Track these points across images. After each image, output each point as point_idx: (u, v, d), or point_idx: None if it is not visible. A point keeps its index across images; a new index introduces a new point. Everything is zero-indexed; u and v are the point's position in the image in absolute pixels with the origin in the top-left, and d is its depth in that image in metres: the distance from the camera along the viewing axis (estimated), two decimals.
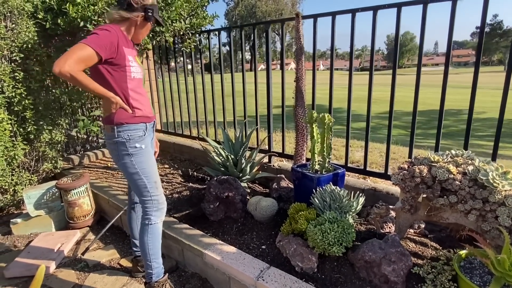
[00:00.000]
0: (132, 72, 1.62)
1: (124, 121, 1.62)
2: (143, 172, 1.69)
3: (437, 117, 2.12)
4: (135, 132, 1.65)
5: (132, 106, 1.65)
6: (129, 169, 1.68)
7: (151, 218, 1.77)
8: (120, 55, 1.56)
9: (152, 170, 1.74)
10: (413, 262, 1.60)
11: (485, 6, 1.90)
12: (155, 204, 1.76)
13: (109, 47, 1.49)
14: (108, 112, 1.62)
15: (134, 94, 1.66)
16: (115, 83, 1.59)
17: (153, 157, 1.79)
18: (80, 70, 1.41)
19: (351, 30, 2.38)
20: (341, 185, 2.20)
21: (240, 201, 2.37)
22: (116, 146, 1.65)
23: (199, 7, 3.24)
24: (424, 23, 2.10)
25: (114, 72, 1.57)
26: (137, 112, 1.66)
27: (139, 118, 1.67)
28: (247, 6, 53.86)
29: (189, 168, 3.52)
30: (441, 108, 2.13)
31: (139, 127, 1.67)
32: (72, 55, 1.38)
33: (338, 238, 1.68)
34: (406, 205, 1.58)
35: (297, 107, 2.58)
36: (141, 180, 1.70)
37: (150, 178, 1.72)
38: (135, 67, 1.65)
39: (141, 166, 1.68)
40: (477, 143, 6.94)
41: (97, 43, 1.44)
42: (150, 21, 1.67)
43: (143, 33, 1.74)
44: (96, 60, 1.47)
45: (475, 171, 1.40)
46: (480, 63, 2.04)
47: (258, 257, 1.89)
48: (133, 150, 1.65)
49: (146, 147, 1.70)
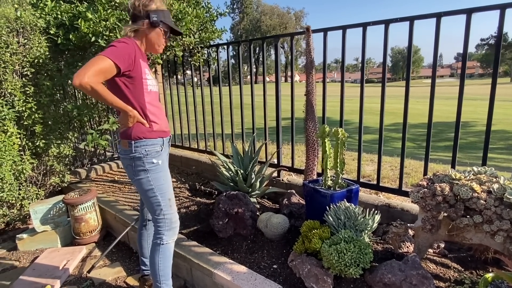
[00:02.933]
0: (148, 85, 1.60)
1: (142, 135, 1.58)
2: (158, 188, 1.63)
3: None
4: (153, 147, 1.61)
5: (150, 120, 1.61)
6: (144, 185, 1.63)
7: (163, 237, 1.70)
8: (137, 67, 1.54)
9: (168, 187, 1.69)
10: (436, 285, 1.51)
11: (501, 20, 1.86)
12: (168, 223, 1.70)
13: (127, 59, 1.48)
14: (125, 127, 1.58)
15: (151, 108, 1.62)
16: (132, 96, 1.56)
17: (169, 173, 1.73)
18: (99, 82, 1.40)
19: (362, 43, 2.36)
20: (355, 202, 2.13)
21: (250, 217, 2.31)
22: (132, 162, 1.60)
23: (208, 22, 3.26)
24: (437, 35, 2.07)
25: (130, 85, 1.55)
26: (154, 126, 1.62)
27: (157, 132, 1.63)
28: (252, 21, 54.89)
29: (197, 182, 3.47)
30: (457, 123, 2.07)
31: (156, 142, 1.62)
32: (91, 67, 1.37)
33: (355, 259, 1.61)
34: (427, 225, 1.51)
35: (307, 121, 2.54)
36: (156, 198, 1.64)
37: (165, 195, 1.66)
38: (151, 80, 1.63)
39: (157, 182, 1.63)
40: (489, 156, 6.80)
41: (116, 54, 1.43)
42: (158, 25, 1.59)
43: (156, 41, 1.65)
44: (115, 72, 1.46)
45: (501, 189, 1.33)
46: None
47: (270, 277, 1.81)
48: (150, 166, 1.60)
49: (163, 162, 1.66)
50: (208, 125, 3.75)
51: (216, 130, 3.69)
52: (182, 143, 4.12)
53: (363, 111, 2.46)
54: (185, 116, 3.96)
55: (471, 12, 1.95)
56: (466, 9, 1.96)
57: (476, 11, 1.95)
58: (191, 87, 3.77)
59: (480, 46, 60.84)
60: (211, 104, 3.60)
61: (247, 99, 3.13)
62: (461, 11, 1.98)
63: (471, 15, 1.95)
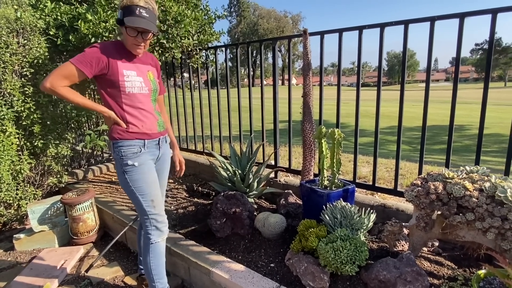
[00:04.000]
0: (126, 87, 1.59)
1: (118, 136, 1.61)
2: (137, 190, 1.65)
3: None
4: (129, 148, 1.62)
5: (127, 121, 1.62)
6: (124, 186, 1.67)
7: (150, 237, 1.72)
8: (112, 70, 1.55)
9: (149, 188, 1.67)
10: (430, 282, 1.54)
11: (492, 25, 1.92)
12: (153, 223, 1.71)
13: (95, 63, 1.51)
14: (109, 127, 1.65)
15: (130, 109, 1.63)
16: (110, 98, 1.60)
17: (153, 175, 1.72)
18: (62, 85, 1.49)
19: (358, 47, 2.40)
20: (351, 201, 2.16)
21: (248, 217, 2.33)
22: (116, 162, 1.67)
23: (207, 24, 3.29)
24: (431, 39, 2.12)
25: (108, 88, 1.60)
26: (131, 127, 1.62)
27: (134, 134, 1.63)
28: (249, 24, 55.16)
29: (194, 183, 3.49)
30: (450, 124, 2.11)
31: (133, 144, 1.63)
32: (55, 72, 1.49)
33: (351, 257, 1.64)
34: (421, 223, 1.55)
35: (304, 122, 2.57)
36: (137, 199, 1.66)
37: (146, 196, 1.67)
38: (133, 82, 1.61)
39: (135, 184, 1.64)
40: (483, 159, 6.89)
41: (81, 60, 1.49)
42: (121, 24, 1.52)
43: (125, 40, 1.58)
44: (81, 76, 1.52)
45: (492, 187, 1.37)
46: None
47: (267, 276, 1.83)
48: (126, 168, 1.62)
49: (141, 164, 1.64)
50: (206, 127, 3.77)
51: (214, 133, 3.71)
52: (179, 145, 4.13)
53: (359, 114, 2.50)
54: (182, 118, 3.98)
55: (464, 16, 2.00)
56: (459, 13, 2.01)
57: (469, 15, 2.01)
58: (190, 90, 3.80)
59: (474, 51, 61.61)
60: (209, 106, 3.62)
61: (245, 101, 3.17)
62: (454, 15, 2.03)
63: (464, 19, 2.00)
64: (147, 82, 1.68)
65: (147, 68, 1.71)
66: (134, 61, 1.65)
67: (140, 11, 1.51)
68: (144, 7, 1.53)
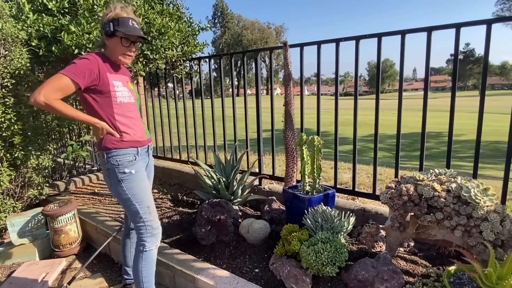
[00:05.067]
0: (118, 97, 1.64)
1: (112, 146, 1.62)
2: (134, 197, 1.67)
3: (419, 139, 2.24)
4: (124, 157, 1.64)
5: (120, 131, 1.65)
6: (120, 195, 1.68)
7: (145, 244, 1.73)
8: (103, 81, 1.58)
9: (145, 195, 1.71)
10: (405, 279, 1.62)
11: (456, 38, 2.07)
12: (149, 230, 1.73)
13: (88, 74, 1.53)
14: (98, 139, 1.65)
15: (121, 119, 1.66)
16: (100, 109, 1.61)
17: (146, 182, 1.77)
18: (56, 98, 1.47)
19: (336, 58, 2.52)
20: (331, 205, 2.24)
21: (232, 224, 2.37)
22: (107, 172, 1.66)
23: (190, 36, 3.37)
24: (403, 51, 2.26)
25: (98, 98, 1.61)
26: (125, 136, 1.66)
27: (128, 142, 1.67)
28: (234, 35, 55.77)
29: (179, 192, 3.49)
30: (423, 130, 2.25)
31: (128, 152, 1.66)
32: (47, 85, 1.46)
33: (331, 258, 1.70)
34: (395, 223, 1.63)
35: (286, 130, 2.66)
36: (134, 206, 1.68)
37: (142, 203, 1.70)
38: (123, 92, 1.66)
39: (132, 191, 1.66)
40: (458, 164, 7.18)
41: (74, 72, 1.49)
42: (114, 34, 1.59)
43: (116, 50, 1.63)
44: (74, 89, 1.52)
45: (458, 188, 1.48)
46: (457, 89, 2.19)
47: (252, 281, 1.87)
48: (122, 176, 1.64)
49: (137, 172, 1.69)
50: (191, 137, 3.81)
51: (199, 142, 3.75)
52: (164, 154, 4.14)
53: (338, 122, 2.61)
54: (167, 128, 4.00)
55: (431, 30, 2.15)
56: (427, 27, 2.16)
57: (436, 29, 2.16)
58: (175, 99, 3.84)
59: (450, 61, 64.43)
60: (193, 116, 3.67)
61: (229, 111, 3.23)
62: (423, 29, 2.18)
63: (431, 33, 2.15)
64: (131, 92, 1.76)
65: (126, 79, 1.77)
66: (118, 72, 1.71)
67: (132, 23, 1.63)
68: (135, 19, 1.65)
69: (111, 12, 1.61)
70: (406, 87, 79.37)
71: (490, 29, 1.97)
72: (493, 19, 1.98)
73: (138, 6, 2.83)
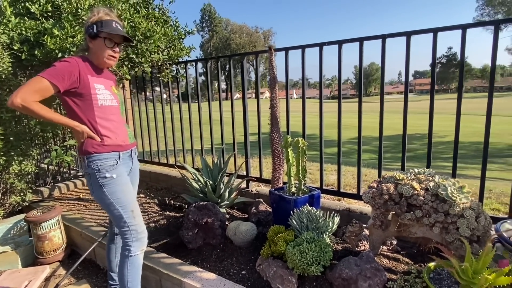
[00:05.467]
0: (99, 100, 1.62)
1: (93, 150, 1.60)
2: (117, 202, 1.65)
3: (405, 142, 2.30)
4: (105, 161, 1.63)
5: (101, 134, 1.63)
6: (102, 200, 1.66)
7: (131, 249, 1.71)
8: (84, 84, 1.57)
9: (128, 199, 1.70)
10: (388, 277, 1.66)
11: (434, 42, 2.15)
12: (134, 234, 1.71)
13: (67, 77, 1.52)
14: (79, 143, 1.63)
15: (103, 122, 1.64)
16: (81, 112, 1.60)
17: (129, 186, 1.75)
18: (33, 101, 1.46)
19: (320, 62, 2.57)
20: (317, 206, 2.28)
21: (219, 226, 2.38)
22: (89, 177, 1.65)
23: (177, 40, 3.37)
24: (383, 54, 2.33)
25: (79, 101, 1.59)
26: (106, 140, 1.64)
27: (110, 146, 1.65)
28: (222, 39, 55.85)
29: (166, 196, 3.47)
30: (404, 131, 2.31)
31: (109, 156, 1.64)
32: (25, 87, 1.46)
33: (316, 258, 1.73)
34: (377, 221, 1.68)
35: (272, 132, 2.69)
36: (117, 211, 1.66)
37: (126, 207, 1.68)
38: (104, 95, 1.65)
39: (114, 196, 1.64)
40: (443, 165, 7.35)
41: (53, 74, 1.49)
42: (97, 36, 1.59)
43: (100, 52, 1.63)
44: (53, 91, 1.51)
45: (436, 186, 1.53)
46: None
47: (239, 283, 1.88)
48: (104, 181, 1.62)
49: (118, 176, 1.67)
50: (178, 141, 3.80)
51: (186, 146, 3.75)
52: (151, 159, 4.11)
53: (323, 125, 2.66)
54: (154, 133, 3.98)
55: (410, 35, 2.22)
56: (406, 32, 2.23)
57: (414, 33, 2.23)
58: (162, 103, 3.83)
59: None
60: (180, 120, 3.67)
61: (216, 114, 3.25)
62: (402, 34, 2.25)
63: (410, 37, 2.22)
64: (115, 95, 1.75)
65: (110, 83, 1.77)
66: (101, 75, 1.70)
67: (116, 24, 1.64)
68: (118, 22, 1.67)
69: (94, 16, 1.62)
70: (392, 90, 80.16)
71: (465, 33, 2.05)
72: (468, 24, 2.07)
73: (123, 10, 2.83)
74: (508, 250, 1.57)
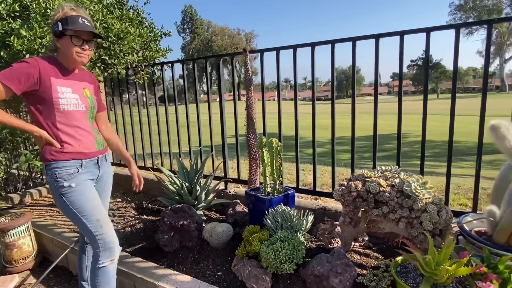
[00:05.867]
0: (61, 104, 1.52)
1: (51, 157, 1.52)
2: (79, 211, 1.57)
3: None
4: (64, 170, 1.54)
5: (61, 140, 1.54)
6: (64, 209, 1.59)
7: (99, 259, 1.65)
8: (45, 86, 1.49)
9: (92, 208, 1.61)
10: (358, 272, 1.71)
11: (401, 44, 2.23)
12: (102, 244, 1.63)
13: (25, 79, 1.43)
14: (40, 148, 1.56)
15: (64, 128, 1.56)
16: (42, 116, 1.52)
17: (93, 194, 1.66)
18: None
19: (294, 63, 2.61)
20: (291, 205, 2.31)
21: (196, 229, 2.37)
22: (50, 185, 1.59)
23: (152, 41, 3.34)
24: (354, 56, 2.40)
25: (40, 105, 1.51)
26: (66, 147, 1.55)
27: (70, 154, 1.56)
28: (203, 41, 55.54)
29: (144, 200, 3.42)
30: (374, 131, 2.38)
31: (69, 164, 1.55)
32: None
33: (289, 256, 1.75)
34: (347, 218, 1.72)
35: (249, 134, 2.71)
36: (80, 221, 1.58)
37: (90, 217, 1.59)
38: (69, 99, 1.55)
39: (75, 206, 1.56)
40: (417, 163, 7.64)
41: (7, 76, 1.40)
42: (63, 34, 1.50)
43: (67, 50, 1.54)
44: (8, 94, 1.43)
45: (401, 183, 1.59)
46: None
47: (215, 284, 1.88)
48: (62, 190, 1.54)
49: (78, 185, 1.57)
50: (156, 144, 3.75)
51: (165, 149, 3.71)
52: None
53: (298, 126, 2.70)
54: (131, 136, 3.91)
55: (378, 37, 2.30)
56: (375, 34, 2.31)
57: (382, 36, 2.30)
58: (142, 106, 3.77)
59: (410, 67, 68.40)
60: (157, 123, 3.63)
61: (194, 117, 3.24)
62: (371, 36, 2.32)
63: (379, 40, 2.30)
64: (84, 99, 1.64)
65: (83, 85, 1.67)
66: (70, 77, 1.60)
67: (83, 20, 1.54)
68: (85, 17, 1.56)
69: (59, 13, 1.52)
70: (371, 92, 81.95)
71: (429, 36, 2.15)
72: (431, 27, 2.16)
73: (95, 11, 2.77)
74: (469, 242, 1.65)
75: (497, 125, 1.16)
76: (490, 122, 1.17)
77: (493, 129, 1.17)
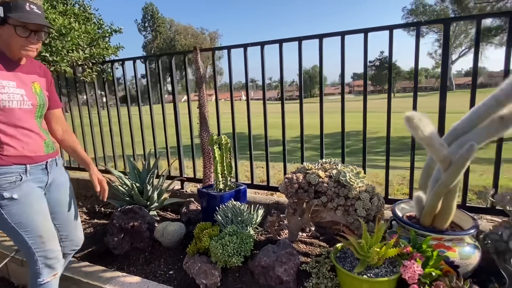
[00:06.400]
0: (2, 101, 1.33)
1: None
2: (19, 226, 1.39)
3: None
4: (4, 177, 1.34)
5: (1, 142, 1.35)
6: (1, 223, 1.38)
7: (39, 276, 1.49)
8: None
9: (35, 222, 1.43)
10: (302, 260, 1.80)
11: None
12: (42, 261, 1.48)
13: None
14: None
15: (6, 128, 1.37)
16: None
17: (40, 205, 1.48)
18: None
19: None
20: (243, 200, 2.36)
21: (147, 229, 2.33)
22: None
23: (100, 38, 3.22)
24: (300, 56, 2.49)
25: None
26: (7, 150, 1.36)
27: (10, 158, 1.36)
28: (166, 39, 54.15)
29: (96, 204, 3.30)
30: (321, 128, 2.49)
31: (10, 171, 1.36)
32: None
33: (237, 249, 1.80)
34: (290, 209, 1.80)
35: (202, 132, 2.72)
36: (20, 236, 1.40)
37: (32, 232, 1.42)
38: (11, 95, 1.36)
39: (16, 219, 1.38)
40: (374, 158, 8.04)
41: None
42: (3, 23, 1.30)
43: (10, 41, 1.34)
44: None
45: (338, 173, 1.70)
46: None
47: (165, 283, 1.88)
48: (1, 202, 1.34)
49: (22, 196, 1.39)
50: (109, 146, 3.62)
51: (117, 151, 3.59)
52: (78, 165, 3.85)
53: (251, 126, 2.75)
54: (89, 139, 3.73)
55: (344, 34, 2.33)
56: (318, 34, 2.41)
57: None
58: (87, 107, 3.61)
59: (368, 67, 72.01)
60: (109, 124, 3.50)
61: (147, 118, 3.18)
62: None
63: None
64: (31, 96, 1.44)
65: (32, 78, 1.47)
66: (15, 70, 1.40)
67: (31, 7, 1.31)
68: (34, 2, 1.34)
69: None
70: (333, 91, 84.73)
71: (366, 37, 2.29)
72: (370, 28, 2.31)
73: None
74: (400, 226, 1.79)
75: (411, 116, 1.28)
76: (405, 114, 1.29)
77: (407, 120, 1.29)
